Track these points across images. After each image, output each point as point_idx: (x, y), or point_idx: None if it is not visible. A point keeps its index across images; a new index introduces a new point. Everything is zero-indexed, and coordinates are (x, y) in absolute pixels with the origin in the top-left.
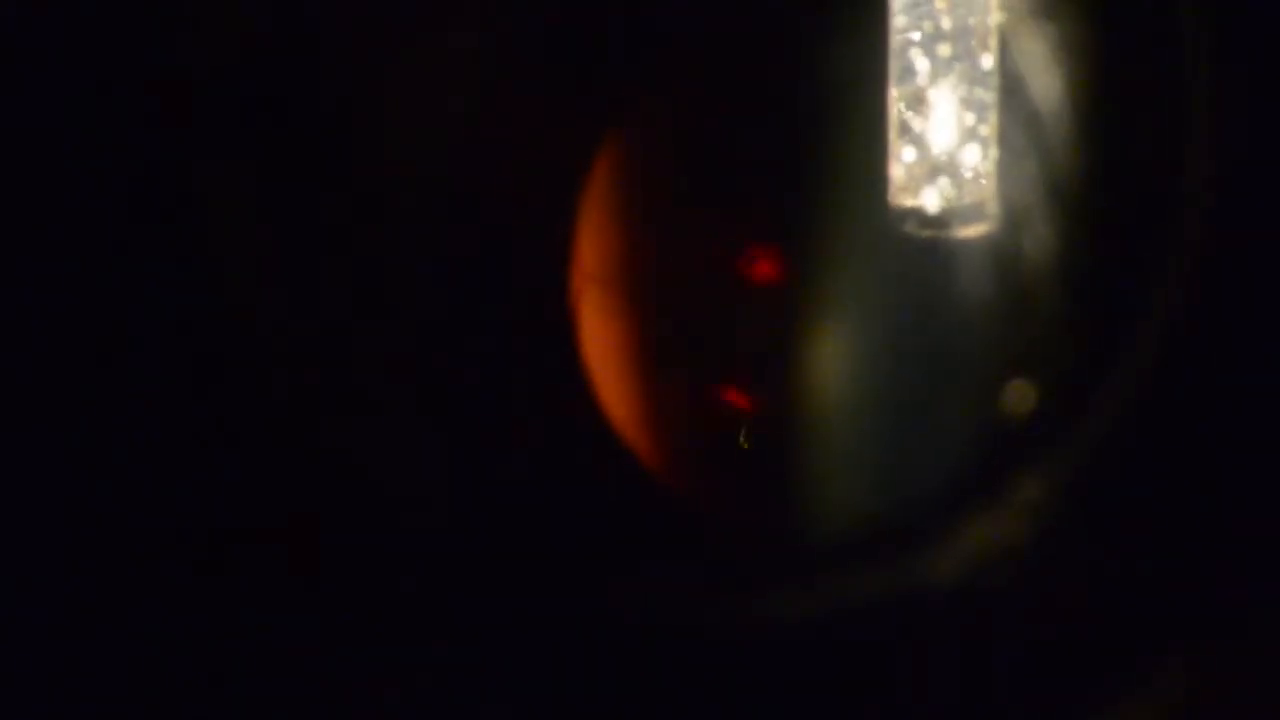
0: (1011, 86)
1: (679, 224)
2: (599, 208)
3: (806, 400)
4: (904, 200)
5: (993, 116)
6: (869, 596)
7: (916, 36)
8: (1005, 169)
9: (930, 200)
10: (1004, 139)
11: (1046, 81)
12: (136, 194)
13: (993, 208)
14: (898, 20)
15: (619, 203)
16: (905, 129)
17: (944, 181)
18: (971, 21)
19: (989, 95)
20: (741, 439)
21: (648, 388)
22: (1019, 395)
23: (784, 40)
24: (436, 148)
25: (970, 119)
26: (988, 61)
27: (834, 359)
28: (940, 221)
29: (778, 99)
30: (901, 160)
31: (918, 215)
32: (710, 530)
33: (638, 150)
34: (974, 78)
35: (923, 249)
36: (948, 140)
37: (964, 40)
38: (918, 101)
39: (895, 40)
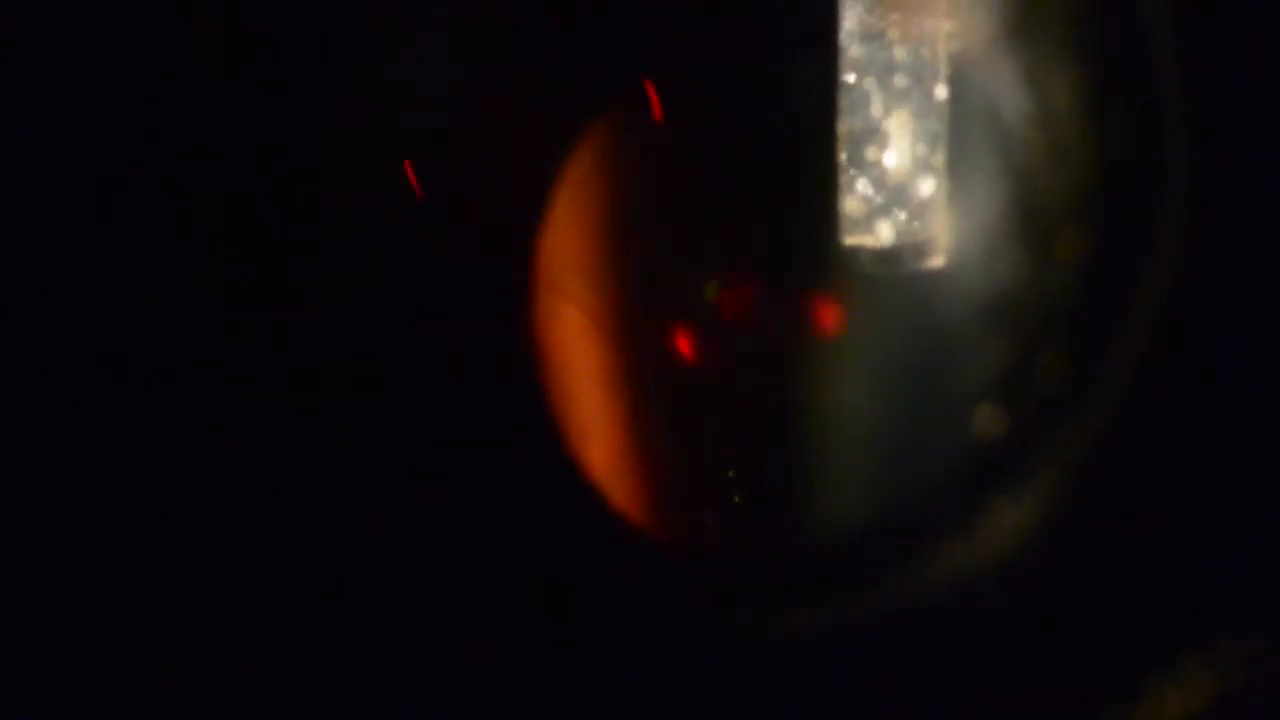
0: (965, 117)
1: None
2: (563, 225)
3: (787, 425)
4: (857, 234)
5: (945, 148)
6: (857, 615)
7: (869, 69)
8: (960, 200)
9: (884, 233)
10: (957, 170)
11: (1001, 111)
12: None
13: (946, 240)
14: (850, 52)
15: (581, 222)
16: (858, 161)
17: (897, 214)
18: (924, 53)
19: (942, 126)
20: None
21: (621, 418)
22: (997, 416)
23: (735, 73)
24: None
25: (923, 150)
26: (941, 93)
27: (813, 384)
28: (893, 254)
29: (729, 131)
30: (855, 193)
31: (871, 249)
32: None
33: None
34: (927, 109)
35: (890, 276)
36: (901, 172)
37: (917, 71)
38: (871, 134)
39: (848, 72)
